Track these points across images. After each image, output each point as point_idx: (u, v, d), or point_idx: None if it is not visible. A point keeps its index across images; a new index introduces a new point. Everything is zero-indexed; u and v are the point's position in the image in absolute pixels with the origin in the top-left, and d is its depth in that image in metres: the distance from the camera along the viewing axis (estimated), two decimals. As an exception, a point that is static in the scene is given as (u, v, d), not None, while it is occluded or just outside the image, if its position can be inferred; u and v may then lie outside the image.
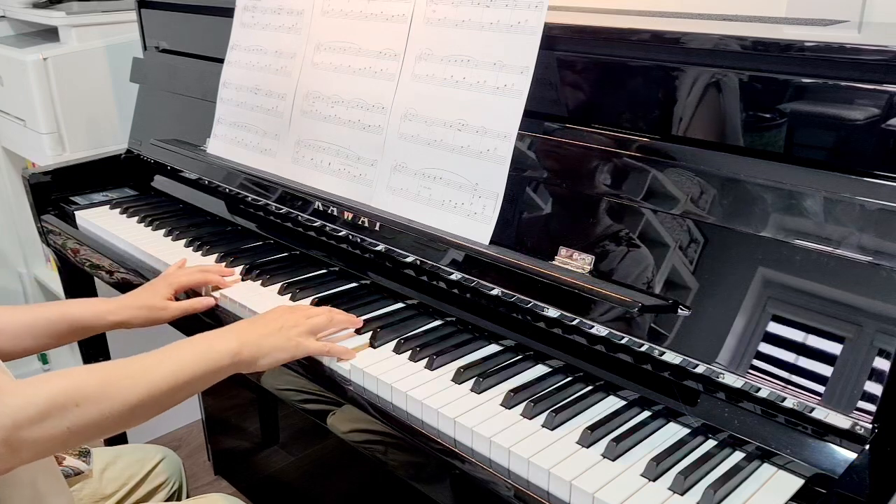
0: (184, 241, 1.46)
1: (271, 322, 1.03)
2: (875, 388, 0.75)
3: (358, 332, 1.10)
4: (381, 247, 1.21)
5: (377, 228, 1.20)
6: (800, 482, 0.80)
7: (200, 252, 1.41)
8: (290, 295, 1.22)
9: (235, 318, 1.20)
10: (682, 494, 0.78)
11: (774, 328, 0.82)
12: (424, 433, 0.92)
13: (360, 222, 1.22)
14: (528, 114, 1.03)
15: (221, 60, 1.52)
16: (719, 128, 0.91)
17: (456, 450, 0.88)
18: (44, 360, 2.54)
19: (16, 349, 1.11)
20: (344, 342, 1.07)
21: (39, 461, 0.96)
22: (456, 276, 1.10)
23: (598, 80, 1.02)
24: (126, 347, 1.18)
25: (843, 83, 0.81)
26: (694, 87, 0.92)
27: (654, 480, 0.80)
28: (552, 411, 0.90)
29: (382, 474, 0.99)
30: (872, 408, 0.75)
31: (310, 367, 1.06)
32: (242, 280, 1.29)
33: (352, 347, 1.05)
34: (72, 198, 1.75)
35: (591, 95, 1.03)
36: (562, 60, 1.04)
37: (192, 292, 1.26)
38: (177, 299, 1.23)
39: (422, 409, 0.93)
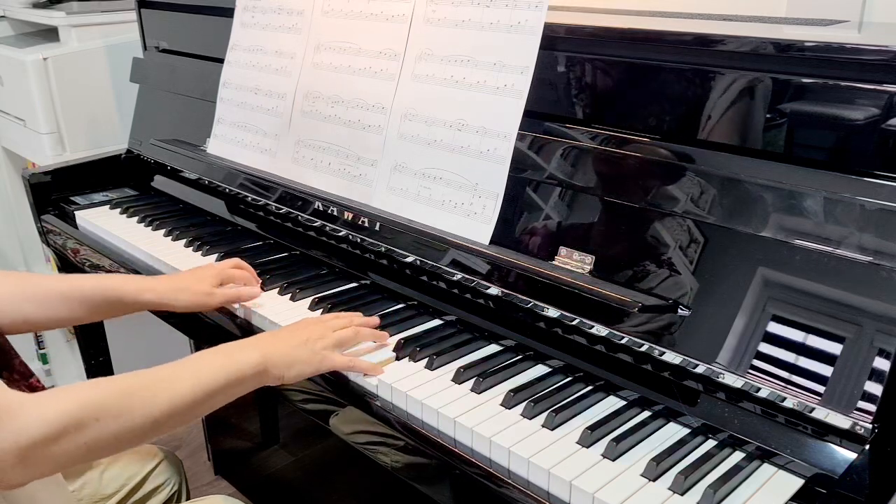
0: (184, 241, 1.46)
1: (296, 334, 1.01)
2: (875, 388, 0.75)
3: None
4: (381, 247, 1.21)
5: (377, 228, 1.20)
6: (800, 482, 0.79)
7: (200, 252, 1.41)
8: (289, 295, 1.22)
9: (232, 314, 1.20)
10: (682, 494, 0.78)
11: (774, 328, 0.82)
12: (424, 433, 0.92)
13: (360, 222, 1.22)
14: (528, 114, 1.03)
15: (221, 60, 1.52)
16: (719, 127, 0.91)
17: (456, 450, 0.88)
18: (44, 360, 2.54)
19: (49, 318, 1.09)
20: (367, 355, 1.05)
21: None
22: (456, 275, 1.10)
23: (598, 80, 1.02)
24: (125, 346, 1.18)
25: (844, 83, 0.81)
26: (693, 88, 0.92)
27: (654, 480, 0.80)
28: (552, 411, 0.90)
29: (383, 474, 0.99)
30: (872, 408, 0.75)
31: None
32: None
33: (376, 362, 1.02)
34: (72, 198, 1.75)
35: (591, 95, 1.03)
36: (562, 60, 1.04)
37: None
38: None
39: (422, 409, 0.93)
